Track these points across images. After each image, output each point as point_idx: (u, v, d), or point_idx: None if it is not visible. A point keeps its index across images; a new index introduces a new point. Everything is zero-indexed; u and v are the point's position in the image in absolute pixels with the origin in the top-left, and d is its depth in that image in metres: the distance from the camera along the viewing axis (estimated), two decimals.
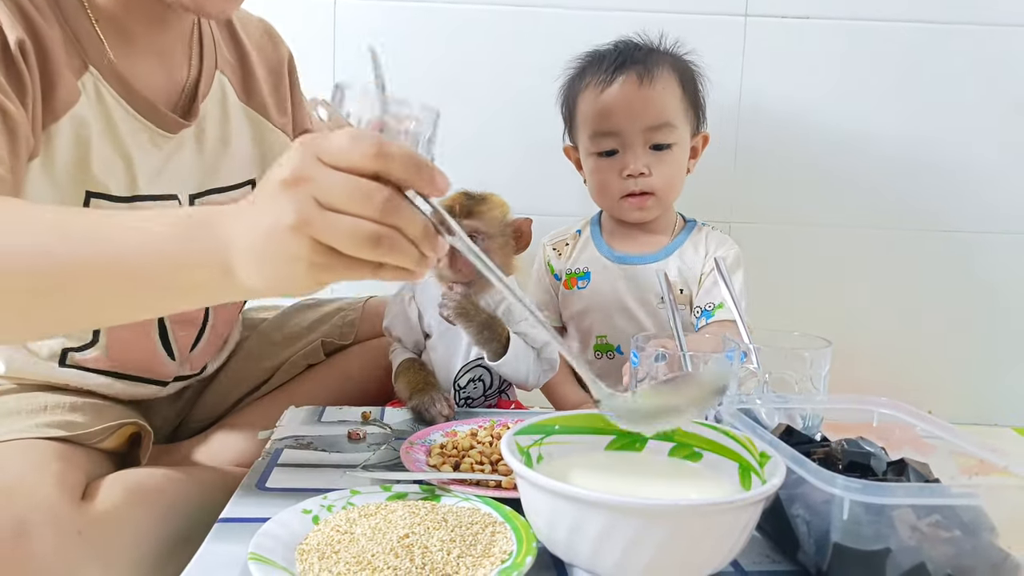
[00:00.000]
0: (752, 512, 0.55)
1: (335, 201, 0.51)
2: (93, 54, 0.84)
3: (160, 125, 0.89)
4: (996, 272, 1.46)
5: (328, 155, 0.52)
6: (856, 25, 1.40)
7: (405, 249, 0.53)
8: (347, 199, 0.51)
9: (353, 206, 0.51)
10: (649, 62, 1.17)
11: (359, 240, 0.52)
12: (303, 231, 0.52)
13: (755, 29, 1.39)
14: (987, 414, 1.50)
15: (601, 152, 1.19)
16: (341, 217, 0.51)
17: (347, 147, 0.52)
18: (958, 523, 0.57)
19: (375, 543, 0.60)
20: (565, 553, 0.57)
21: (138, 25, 0.87)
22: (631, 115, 1.15)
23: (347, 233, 0.52)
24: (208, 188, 0.96)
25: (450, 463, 0.78)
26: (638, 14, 1.37)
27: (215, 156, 0.96)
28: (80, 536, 0.74)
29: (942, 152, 1.43)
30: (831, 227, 1.46)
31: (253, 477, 0.77)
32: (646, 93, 1.16)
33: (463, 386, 1.04)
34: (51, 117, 0.81)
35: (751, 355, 0.86)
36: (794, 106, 1.40)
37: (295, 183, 0.52)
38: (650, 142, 1.16)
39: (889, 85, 1.42)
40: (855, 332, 1.36)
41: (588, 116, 1.19)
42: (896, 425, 0.74)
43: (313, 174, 0.52)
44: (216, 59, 0.98)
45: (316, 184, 0.52)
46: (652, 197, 1.18)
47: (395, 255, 0.53)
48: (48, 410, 0.87)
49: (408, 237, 0.53)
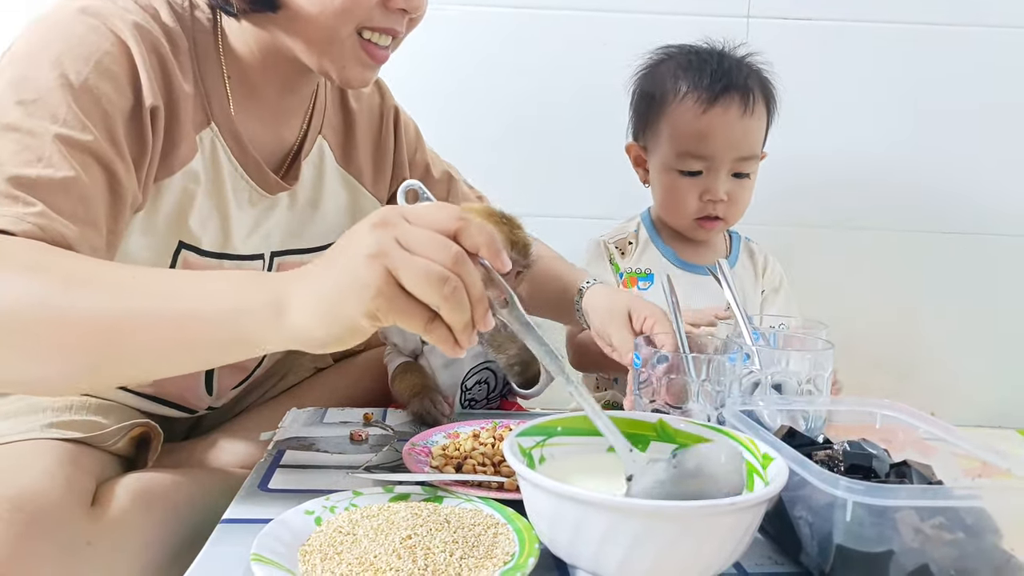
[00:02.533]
0: (755, 514, 0.55)
1: (414, 245, 0.55)
2: (217, 111, 0.86)
3: (262, 184, 0.91)
4: (999, 274, 1.46)
5: (413, 216, 0.57)
6: (858, 27, 1.40)
7: (463, 303, 0.56)
8: (425, 245, 0.55)
9: (430, 251, 0.55)
10: (749, 87, 1.15)
11: (429, 277, 0.55)
12: (380, 260, 0.55)
13: (757, 31, 1.39)
14: (990, 416, 1.49)
15: (684, 171, 1.16)
16: (417, 256, 0.55)
17: (433, 209, 0.58)
18: (961, 525, 0.57)
19: (377, 544, 0.60)
20: (567, 555, 0.57)
21: (269, 87, 0.89)
22: (728, 144, 1.13)
23: (420, 269, 0.55)
24: (290, 248, 0.97)
25: (452, 464, 0.78)
26: (642, 15, 1.38)
27: (303, 217, 0.97)
28: (89, 547, 0.74)
29: (945, 153, 1.43)
30: (834, 229, 1.47)
31: (255, 478, 0.77)
32: (746, 124, 1.14)
33: (469, 388, 1.04)
34: (166, 172, 0.82)
35: (754, 357, 0.86)
36: (797, 107, 1.40)
37: (380, 226, 0.56)
38: (734, 170, 1.15)
39: (891, 86, 1.42)
40: (857, 334, 1.36)
41: (681, 133, 1.16)
42: (899, 427, 0.74)
43: (397, 223, 0.56)
44: (322, 123, 0.99)
45: (399, 229, 0.56)
46: (723, 222, 1.17)
47: (453, 305, 0.56)
48: (60, 410, 0.87)
49: (469, 294, 0.56)
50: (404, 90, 1.40)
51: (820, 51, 1.41)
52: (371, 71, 0.86)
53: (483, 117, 1.42)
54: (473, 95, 1.41)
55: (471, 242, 0.57)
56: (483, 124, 1.42)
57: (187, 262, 0.87)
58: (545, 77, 1.41)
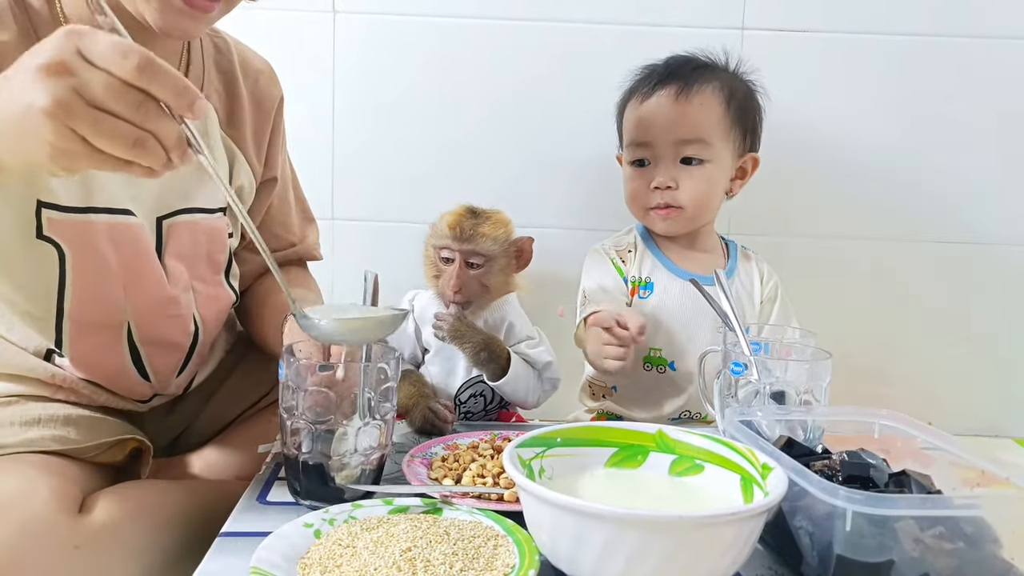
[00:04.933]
0: (754, 524, 0.55)
1: (98, 98, 0.53)
2: None
3: None
4: (995, 283, 1.46)
5: (94, 56, 0.54)
6: (852, 38, 1.41)
7: (157, 153, 0.56)
8: (112, 100, 0.54)
9: (118, 108, 0.54)
10: (693, 78, 1.17)
11: (119, 140, 0.54)
12: (58, 117, 0.53)
13: (752, 42, 1.40)
14: (987, 425, 1.49)
15: (634, 161, 1.20)
16: (103, 115, 0.54)
17: (114, 57, 0.54)
18: (961, 535, 0.57)
19: (377, 557, 0.60)
20: (568, 566, 0.57)
21: None
22: (663, 128, 1.15)
23: (108, 131, 0.54)
24: (178, 208, 0.94)
25: (451, 476, 0.78)
26: (636, 27, 1.38)
27: (188, 180, 0.94)
28: (77, 551, 0.74)
29: (940, 162, 1.44)
30: (830, 238, 1.47)
31: (254, 491, 0.77)
32: (682, 108, 1.15)
33: (464, 401, 1.04)
34: None
35: (752, 367, 0.86)
36: (791, 118, 1.40)
37: (56, 71, 0.53)
38: (680, 155, 1.16)
39: (885, 97, 1.42)
40: (856, 343, 1.36)
41: (628, 126, 1.21)
42: (897, 437, 0.74)
43: (76, 68, 0.53)
44: (202, 84, 0.97)
45: (79, 79, 0.53)
46: (679, 211, 1.17)
47: (147, 158, 0.56)
48: (42, 423, 0.86)
49: (162, 144, 0.56)
50: (404, 98, 1.41)
51: (814, 62, 1.41)
52: (192, 20, 0.81)
53: (477, 128, 1.42)
54: (468, 105, 1.42)
55: (158, 96, 0.55)
56: (475, 136, 1.42)
57: (51, 220, 0.83)
58: (539, 88, 1.41)
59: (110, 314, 0.90)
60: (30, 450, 0.82)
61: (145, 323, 0.92)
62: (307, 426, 0.73)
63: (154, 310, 0.92)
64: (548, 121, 1.42)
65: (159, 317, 0.93)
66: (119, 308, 0.90)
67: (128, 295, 0.90)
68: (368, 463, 0.75)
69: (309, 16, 1.39)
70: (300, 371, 0.74)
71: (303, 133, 1.20)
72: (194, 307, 0.97)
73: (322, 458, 0.73)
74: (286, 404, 0.74)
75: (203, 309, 0.98)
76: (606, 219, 1.36)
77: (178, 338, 0.96)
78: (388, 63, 1.41)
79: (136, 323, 0.91)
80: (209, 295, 0.98)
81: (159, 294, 0.92)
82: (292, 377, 0.74)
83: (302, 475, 0.74)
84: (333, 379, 0.74)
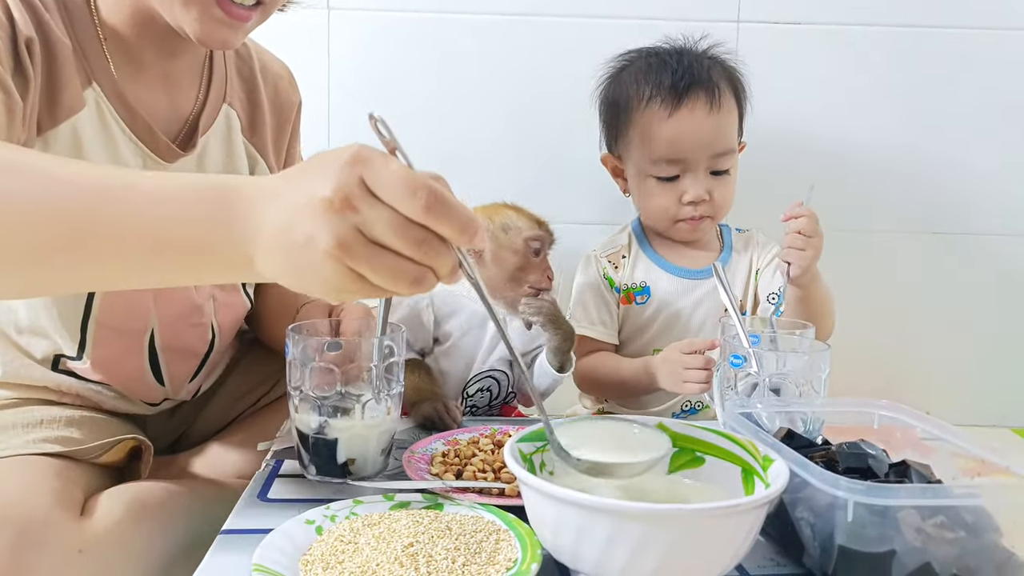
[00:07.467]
0: (756, 516, 0.55)
1: (380, 236, 0.51)
2: (98, 71, 0.84)
3: (156, 152, 0.88)
4: (992, 273, 1.47)
5: (381, 191, 0.50)
6: (848, 30, 1.41)
7: (432, 284, 0.54)
8: (395, 238, 0.51)
9: (399, 245, 0.51)
10: (712, 82, 1.13)
11: (400, 279, 0.52)
12: (340, 259, 0.50)
13: (748, 35, 1.40)
14: (985, 415, 1.50)
15: (660, 177, 1.15)
16: (383, 252, 0.51)
17: (402, 193, 0.50)
18: (962, 524, 0.57)
19: (379, 552, 0.60)
20: (570, 560, 0.57)
21: (147, 50, 0.87)
22: (700, 144, 1.11)
23: (388, 269, 0.51)
24: None
25: (452, 471, 0.78)
26: (632, 21, 1.38)
27: None
28: (80, 554, 0.73)
29: (937, 153, 1.44)
30: (827, 231, 1.47)
31: (254, 488, 0.77)
32: (716, 120, 1.12)
33: (471, 395, 1.04)
34: (50, 122, 0.80)
35: (751, 359, 0.86)
36: (787, 111, 1.41)
37: (341, 208, 0.50)
38: (712, 168, 1.13)
39: (881, 89, 1.42)
40: (853, 335, 1.36)
41: (651, 139, 1.14)
42: (897, 427, 0.75)
43: (361, 205, 0.50)
44: (225, 92, 0.97)
45: (363, 217, 0.50)
46: (710, 219, 1.17)
47: (424, 289, 0.54)
48: (44, 425, 0.86)
49: (438, 276, 0.54)
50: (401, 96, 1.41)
51: (810, 54, 1.41)
52: (230, 30, 0.82)
53: (476, 124, 1.42)
54: (466, 102, 1.42)
55: (442, 235, 0.52)
56: (473, 132, 1.42)
57: None
58: (535, 83, 1.41)
59: (137, 320, 0.91)
60: (33, 453, 0.82)
61: (169, 330, 0.93)
62: (314, 402, 0.75)
63: (181, 318, 0.94)
64: (545, 116, 1.42)
65: (184, 325, 0.94)
66: (147, 315, 0.91)
67: (157, 303, 0.91)
68: (377, 439, 0.77)
69: (303, 12, 1.39)
70: (307, 349, 0.75)
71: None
72: (213, 315, 0.97)
73: (332, 432, 0.75)
74: (294, 383, 0.76)
75: (221, 317, 0.99)
76: (604, 215, 1.36)
77: (197, 346, 0.97)
78: (383, 59, 1.40)
79: (160, 330, 0.93)
80: (227, 303, 0.99)
81: (187, 303, 0.93)
82: (299, 355, 0.76)
83: (312, 451, 0.77)
84: (340, 356, 0.75)
